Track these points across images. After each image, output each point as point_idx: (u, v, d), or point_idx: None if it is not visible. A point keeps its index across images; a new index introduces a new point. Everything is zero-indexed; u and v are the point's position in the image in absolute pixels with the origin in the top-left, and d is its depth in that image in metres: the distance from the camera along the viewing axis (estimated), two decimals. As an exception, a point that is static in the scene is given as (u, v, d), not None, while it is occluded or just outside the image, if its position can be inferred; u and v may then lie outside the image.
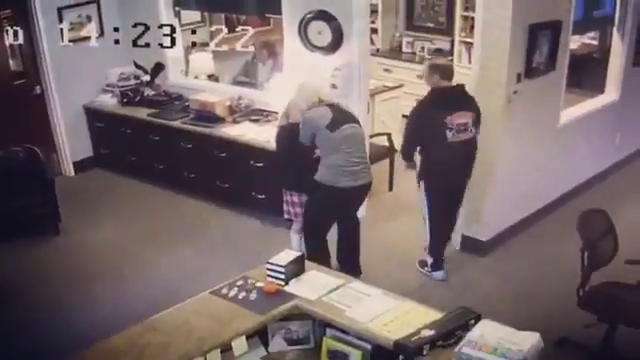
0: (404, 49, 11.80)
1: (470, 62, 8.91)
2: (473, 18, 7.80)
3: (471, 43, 8.45)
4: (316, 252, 6.43)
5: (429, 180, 6.79)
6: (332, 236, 6.80)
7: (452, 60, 10.92)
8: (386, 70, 11.14)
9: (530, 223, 7.83)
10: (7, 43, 8.51)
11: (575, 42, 9.52)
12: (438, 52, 11.11)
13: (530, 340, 3.67)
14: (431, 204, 6.85)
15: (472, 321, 3.94)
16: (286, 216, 6.90)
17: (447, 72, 6.69)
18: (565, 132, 7.99)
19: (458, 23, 11.02)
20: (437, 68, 6.68)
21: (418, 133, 6.66)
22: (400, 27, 11.97)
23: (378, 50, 11.74)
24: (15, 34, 6.84)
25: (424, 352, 3.76)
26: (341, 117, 6.34)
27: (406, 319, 4.12)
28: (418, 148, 6.73)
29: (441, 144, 6.52)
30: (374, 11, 11.42)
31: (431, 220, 6.92)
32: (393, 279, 6.54)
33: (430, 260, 7.08)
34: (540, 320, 5.66)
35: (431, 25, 11.62)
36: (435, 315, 4.11)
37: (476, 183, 7.08)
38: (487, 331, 3.77)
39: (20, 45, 8.97)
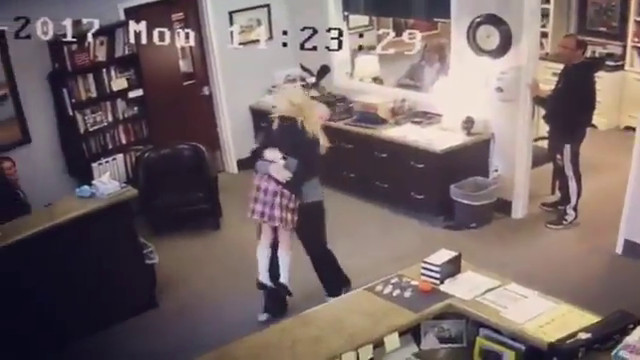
0: (575, 53, 11.49)
1: (642, 67, 8.64)
2: (648, 24, 7.55)
3: (644, 48, 8.21)
4: (331, 262, 6.74)
5: (576, 141, 7.63)
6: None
7: (624, 65, 10.74)
8: (554, 74, 10.87)
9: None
10: (178, 45, 8.81)
11: None
12: (610, 57, 10.77)
13: (692, 347, 3.53)
14: (575, 164, 7.66)
15: (631, 325, 3.82)
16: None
17: (585, 48, 7.79)
18: None
19: (631, 28, 10.69)
20: (583, 44, 7.70)
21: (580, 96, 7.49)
22: (571, 31, 11.66)
23: (547, 54, 11.46)
24: (186, 36, 7.09)
25: (579, 355, 3.67)
26: None
27: (562, 322, 4.07)
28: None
29: (592, 108, 7.70)
30: (545, 15, 11.18)
31: (576, 179, 7.70)
32: (550, 281, 6.37)
33: (573, 214, 7.83)
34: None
35: (603, 29, 11.27)
36: (592, 318, 4.03)
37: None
38: (647, 336, 3.64)
39: (191, 47, 9.27)
